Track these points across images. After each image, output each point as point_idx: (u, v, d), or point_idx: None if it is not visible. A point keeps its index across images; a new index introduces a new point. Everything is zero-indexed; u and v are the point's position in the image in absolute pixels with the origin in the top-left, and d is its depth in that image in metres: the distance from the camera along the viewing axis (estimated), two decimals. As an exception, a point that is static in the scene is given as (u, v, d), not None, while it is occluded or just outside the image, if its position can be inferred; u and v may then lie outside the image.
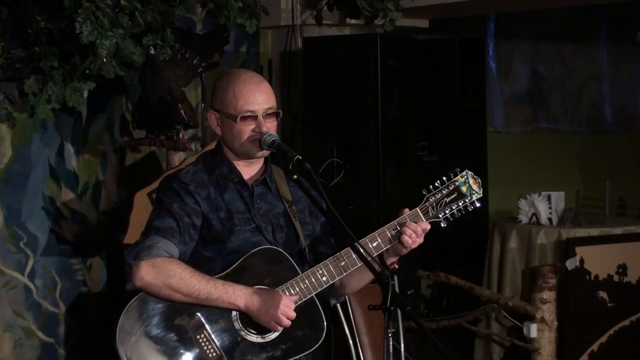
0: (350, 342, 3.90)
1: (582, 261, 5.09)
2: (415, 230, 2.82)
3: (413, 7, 5.32)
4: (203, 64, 4.75)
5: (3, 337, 4.57)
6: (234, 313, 2.79)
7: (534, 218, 5.51)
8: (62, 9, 4.00)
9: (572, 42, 7.34)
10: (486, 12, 6.67)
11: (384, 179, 5.21)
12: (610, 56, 7.44)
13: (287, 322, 2.76)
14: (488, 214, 6.30)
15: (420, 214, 2.85)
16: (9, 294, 4.58)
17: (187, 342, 2.76)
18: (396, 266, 2.93)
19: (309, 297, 2.82)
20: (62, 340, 4.78)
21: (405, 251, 2.86)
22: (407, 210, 2.87)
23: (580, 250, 5.08)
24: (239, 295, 2.76)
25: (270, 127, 2.87)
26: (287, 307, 2.75)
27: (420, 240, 2.85)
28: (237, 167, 2.94)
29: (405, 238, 2.82)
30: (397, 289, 2.63)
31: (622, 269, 5.20)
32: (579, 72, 7.41)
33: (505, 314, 5.29)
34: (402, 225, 2.84)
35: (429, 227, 2.84)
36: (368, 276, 2.84)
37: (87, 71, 4.21)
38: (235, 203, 2.90)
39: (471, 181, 2.89)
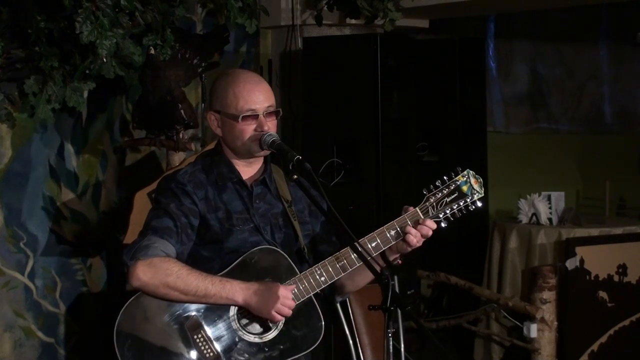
0: (350, 342, 3.90)
1: (582, 261, 5.09)
2: (426, 234, 2.82)
3: (413, 7, 5.32)
4: (203, 64, 4.75)
5: (3, 337, 4.57)
6: (231, 313, 2.80)
7: (534, 218, 5.51)
8: (62, 9, 4.00)
9: (572, 42, 7.33)
10: (486, 12, 6.67)
11: (384, 179, 5.21)
12: (610, 56, 7.43)
13: (288, 312, 2.76)
14: (488, 214, 6.30)
15: (420, 213, 2.85)
16: (9, 294, 4.58)
17: (185, 342, 2.76)
18: (399, 262, 2.93)
19: (307, 297, 2.82)
20: (62, 340, 4.78)
21: (408, 250, 2.86)
22: (410, 208, 2.86)
23: (580, 250, 5.08)
24: (236, 290, 2.76)
25: (270, 126, 2.88)
26: (285, 298, 2.75)
27: (425, 238, 2.85)
28: (237, 167, 2.94)
29: (411, 238, 2.82)
30: (397, 289, 2.63)
31: (622, 269, 5.20)
32: (579, 72, 7.41)
33: (505, 314, 5.29)
34: (403, 225, 2.84)
35: (434, 226, 2.84)
36: (370, 274, 2.84)
37: (87, 71, 4.21)
38: (234, 203, 2.90)
39: (472, 180, 2.89)
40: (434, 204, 2.86)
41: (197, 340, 2.77)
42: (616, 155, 7.29)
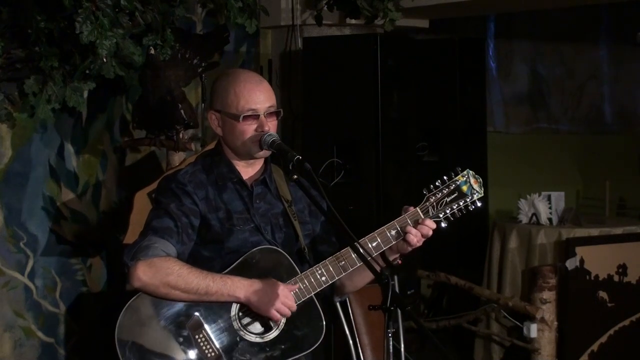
0: (350, 342, 3.90)
1: (582, 261, 5.09)
2: (426, 234, 2.82)
3: (413, 7, 5.32)
4: (203, 64, 4.75)
5: (3, 337, 4.57)
6: (232, 312, 2.80)
7: (534, 218, 5.51)
8: (62, 9, 4.00)
9: (572, 42, 7.34)
10: (486, 12, 6.67)
11: (384, 179, 5.21)
12: (610, 56, 7.43)
13: (287, 312, 2.76)
14: (488, 214, 6.30)
15: (420, 213, 2.85)
16: (9, 294, 4.58)
17: (186, 342, 2.76)
18: (399, 262, 2.93)
19: (308, 297, 2.82)
20: (62, 340, 4.78)
21: (409, 249, 2.86)
22: (410, 208, 2.86)
23: (580, 250, 5.08)
24: (237, 287, 2.76)
25: (271, 126, 2.88)
26: (286, 297, 2.75)
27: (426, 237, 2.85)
28: (237, 167, 2.94)
29: (411, 237, 2.82)
30: (397, 289, 2.63)
31: (622, 269, 5.20)
32: (579, 72, 7.41)
33: (505, 314, 5.29)
34: (403, 225, 2.84)
35: (434, 225, 2.84)
36: (369, 275, 2.84)
37: (87, 71, 4.21)
38: (234, 203, 2.90)
39: (472, 180, 2.89)
40: (434, 203, 2.86)
41: (199, 340, 2.77)
42: (616, 155, 7.29)
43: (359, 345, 3.92)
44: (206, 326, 2.78)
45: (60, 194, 4.75)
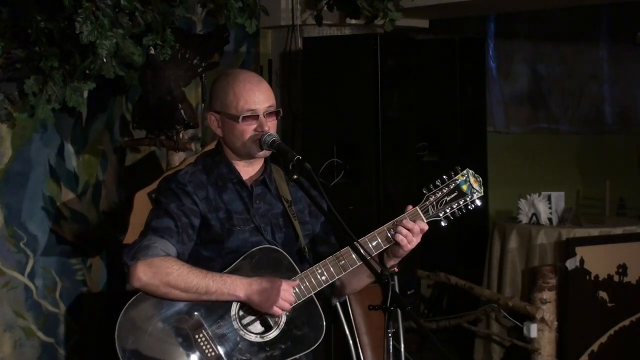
0: (350, 342, 3.90)
1: (582, 261, 5.09)
2: (411, 229, 2.81)
3: (413, 7, 5.32)
4: (203, 64, 4.75)
5: (3, 337, 4.57)
6: (232, 312, 2.80)
7: (534, 218, 5.51)
8: (62, 9, 4.00)
9: (572, 42, 7.34)
10: (486, 12, 6.67)
11: (384, 179, 5.21)
12: (610, 56, 7.44)
13: (288, 307, 2.76)
14: (488, 214, 6.30)
15: (420, 212, 2.85)
16: (9, 294, 4.58)
17: (186, 342, 2.76)
18: (396, 269, 2.92)
19: (308, 296, 2.82)
20: (62, 340, 4.78)
21: (402, 252, 2.85)
22: (410, 206, 2.86)
23: (580, 250, 5.08)
24: (237, 285, 2.76)
25: (271, 126, 2.88)
26: (287, 292, 2.75)
27: (417, 240, 2.84)
28: (237, 167, 2.94)
29: (400, 237, 2.81)
30: (397, 289, 2.63)
31: (622, 269, 5.20)
32: (579, 72, 7.42)
33: (505, 314, 5.29)
34: (399, 224, 2.83)
35: (426, 227, 2.84)
36: (369, 276, 2.84)
37: (87, 71, 4.21)
38: (234, 203, 2.90)
39: (472, 180, 2.88)
40: (434, 203, 2.86)
41: (199, 340, 2.77)
42: (616, 155, 7.30)
43: (359, 345, 3.92)
44: (206, 326, 2.78)
45: (60, 194, 4.75)
